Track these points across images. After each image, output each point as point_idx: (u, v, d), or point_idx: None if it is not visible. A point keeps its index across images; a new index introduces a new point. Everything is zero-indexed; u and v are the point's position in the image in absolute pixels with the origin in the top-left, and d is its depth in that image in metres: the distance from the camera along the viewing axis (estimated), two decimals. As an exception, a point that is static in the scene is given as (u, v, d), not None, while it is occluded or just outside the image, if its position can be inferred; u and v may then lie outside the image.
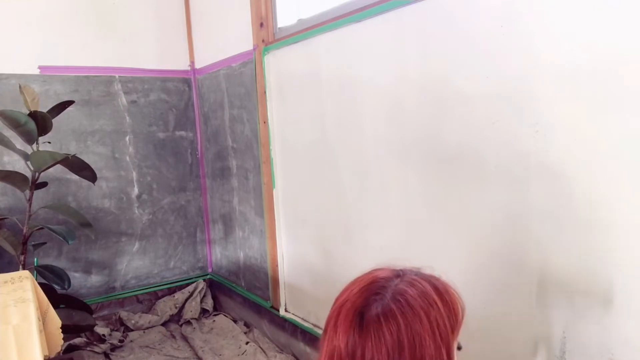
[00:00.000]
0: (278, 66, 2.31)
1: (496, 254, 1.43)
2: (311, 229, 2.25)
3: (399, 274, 0.74)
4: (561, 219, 1.25)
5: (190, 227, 3.22)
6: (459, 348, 0.73)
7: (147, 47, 2.99)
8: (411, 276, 0.74)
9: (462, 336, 0.73)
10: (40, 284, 1.75)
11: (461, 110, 1.47)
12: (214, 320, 2.98)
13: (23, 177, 2.11)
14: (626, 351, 1.16)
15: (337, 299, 0.75)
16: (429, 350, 0.66)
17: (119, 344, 2.69)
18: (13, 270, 1.83)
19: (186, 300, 3.07)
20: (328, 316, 0.74)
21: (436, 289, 0.71)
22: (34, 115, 2.05)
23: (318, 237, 2.21)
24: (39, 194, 2.34)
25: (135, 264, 3.04)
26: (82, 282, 2.85)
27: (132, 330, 2.86)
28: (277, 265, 2.51)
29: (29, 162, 2.09)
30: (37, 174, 2.14)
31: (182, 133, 3.14)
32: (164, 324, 2.96)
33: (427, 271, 0.76)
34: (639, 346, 1.14)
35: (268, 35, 2.37)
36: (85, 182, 2.67)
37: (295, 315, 2.43)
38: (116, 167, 2.92)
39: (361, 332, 0.68)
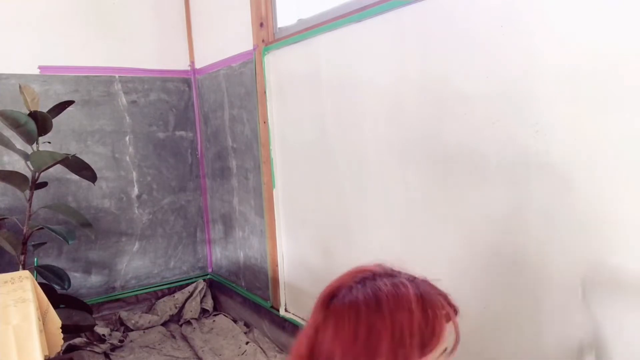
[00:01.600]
0: (278, 66, 2.31)
1: (496, 254, 1.43)
2: (311, 229, 2.25)
3: (393, 274, 0.72)
4: (561, 218, 1.25)
5: (190, 227, 3.22)
6: None
7: (147, 47, 2.99)
8: (402, 279, 0.70)
9: (463, 337, 0.72)
10: (40, 284, 1.75)
11: (461, 110, 1.47)
12: (214, 320, 2.98)
13: (23, 177, 2.11)
14: (618, 347, 1.17)
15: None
16: (383, 350, 0.64)
17: (119, 344, 2.69)
18: (13, 270, 1.83)
19: (186, 300, 3.07)
20: None
21: (420, 298, 0.67)
22: (34, 115, 2.05)
23: (318, 237, 2.21)
24: (39, 194, 2.34)
25: (135, 264, 3.03)
26: (82, 282, 2.85)
27: (132, 330, 2.86)
28: (277, 265, 2.50)
29: (29, 162, 2.09)
30: (37, 174, 2.14)
31: (182, 133, 3.14)
32: (164, 324, 2.96)
33: (437, 285, 0.72)
34: (632, 341, 1.14)
35: (268, 35, 2.37)
36: (85, 182, 2.67)
37: (295, 315, 2.43)
38: (116, 167, 2.92)
39: (326, 313, 0.69)
